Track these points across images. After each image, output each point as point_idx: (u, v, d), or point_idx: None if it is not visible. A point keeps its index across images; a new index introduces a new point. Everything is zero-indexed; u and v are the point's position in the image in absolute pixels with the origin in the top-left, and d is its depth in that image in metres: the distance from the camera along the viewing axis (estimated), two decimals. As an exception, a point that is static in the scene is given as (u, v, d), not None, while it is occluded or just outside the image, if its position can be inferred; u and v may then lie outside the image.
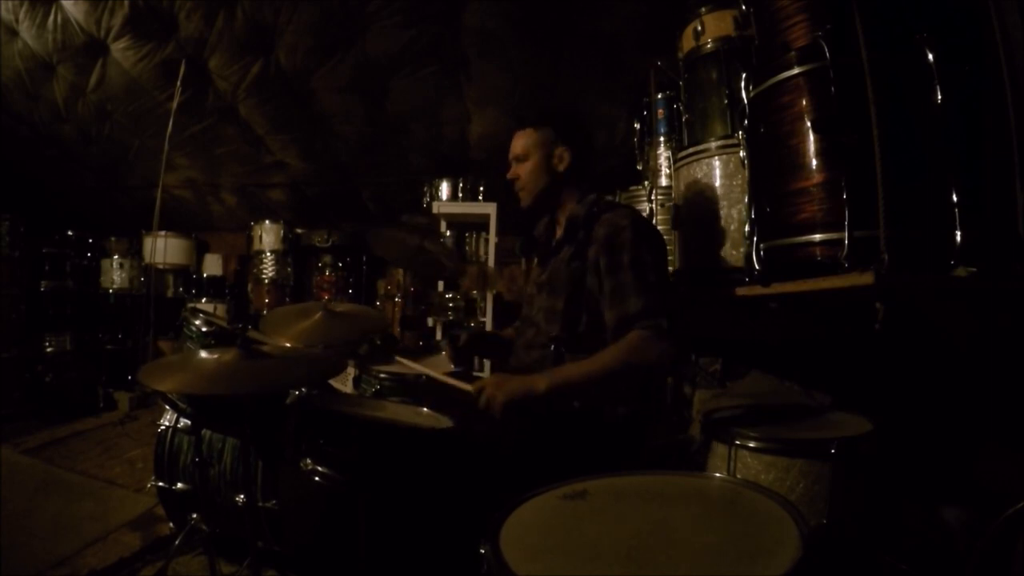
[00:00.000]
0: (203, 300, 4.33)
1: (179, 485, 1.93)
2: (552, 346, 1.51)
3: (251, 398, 1.45)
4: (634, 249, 1.44)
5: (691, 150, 2.03)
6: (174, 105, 3.60)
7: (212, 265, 4.87)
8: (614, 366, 1.36)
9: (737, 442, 1.35)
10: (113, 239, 4.49)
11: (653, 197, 2.33)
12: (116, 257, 4.46)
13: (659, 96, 2.45)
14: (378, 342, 2.49)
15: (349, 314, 1.92)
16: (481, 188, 3.83)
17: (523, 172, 1.62)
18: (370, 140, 4.10)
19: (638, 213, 1.61)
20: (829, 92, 1.32)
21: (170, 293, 4.55)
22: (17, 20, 3.44)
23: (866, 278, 1.24)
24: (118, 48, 3.52)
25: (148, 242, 4.36)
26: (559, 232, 1.65)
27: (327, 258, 4.46)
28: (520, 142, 1.62)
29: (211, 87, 3.74)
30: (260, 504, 1.78)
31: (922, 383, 1.82)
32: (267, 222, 4.47)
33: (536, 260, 1.79)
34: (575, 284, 1.51)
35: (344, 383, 2.25)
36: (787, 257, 1.48)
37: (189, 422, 1.87)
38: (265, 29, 3.34)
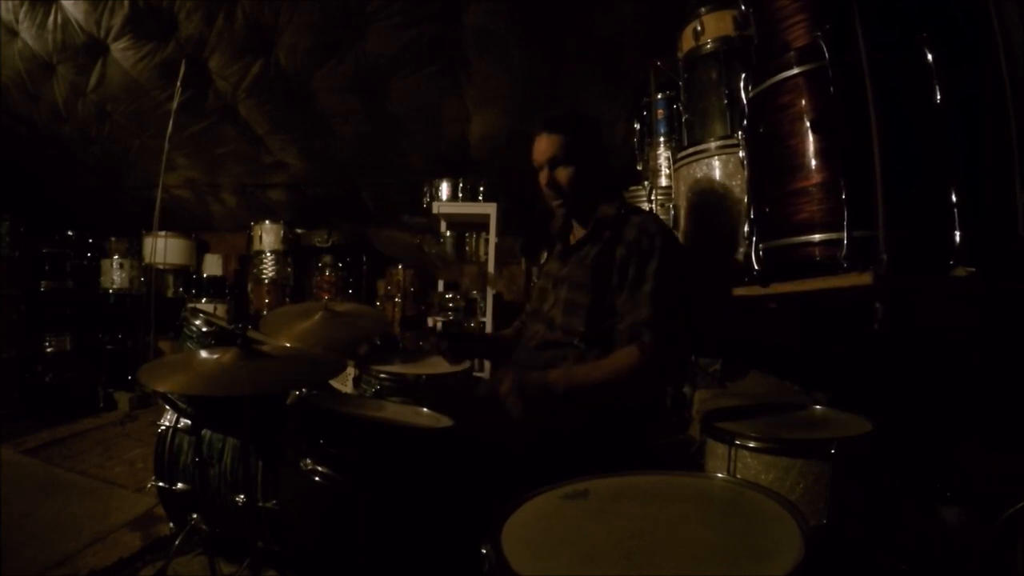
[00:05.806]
0: (203, 300, 4.33)
1: (179, 485, 1.93)
2: (576, 340, 1.52)
3: (251, 398, 1.45)
4: (662, 263, 1.47)
5: (691, 150, 2.03)
6: (174, 105, 3.60)
7: (212, 265, 4.87)
8: (616, 376, 1.41)
9: (737, 442, 1.35)
10: (113, 239, 4.48)
11: (653, 197, 2.33)
12: (116, 257, 4.45)
13: (659, 96, 2.46)
14: (377, 342, 2.49)
15: (349, 314, 1.92)
16: (481, 188, 3.83)
17: (564, 179, 1.58)
18: (370, 140, 4.10)
19: (664, 224, 1.62)
20: (828, 92, 1.32)
21: (170, 293, 4.55)
22: (17, 20, 3.44)
23: (865, 278, 1.24)
24: (118, 48, 3.52)
25: (148, 242, 4.36)
26: (577, 230, 1.67)
27: (327, 258, 4.46)
28: (551, 146, 1.57)
29: (211, 87, 3.74)
30: (260, 504, 1.77)
31: (922, 383, 1.82)
32: (267, 222, 4.48)
33: (549, 256, 1.81)
34: (602, 280, 1.53)
35: (344, 383, 2.26)
36: (786, 257, 1.48)
37: (189, 422, 1.87)
38: (265, 29, 3.34)
